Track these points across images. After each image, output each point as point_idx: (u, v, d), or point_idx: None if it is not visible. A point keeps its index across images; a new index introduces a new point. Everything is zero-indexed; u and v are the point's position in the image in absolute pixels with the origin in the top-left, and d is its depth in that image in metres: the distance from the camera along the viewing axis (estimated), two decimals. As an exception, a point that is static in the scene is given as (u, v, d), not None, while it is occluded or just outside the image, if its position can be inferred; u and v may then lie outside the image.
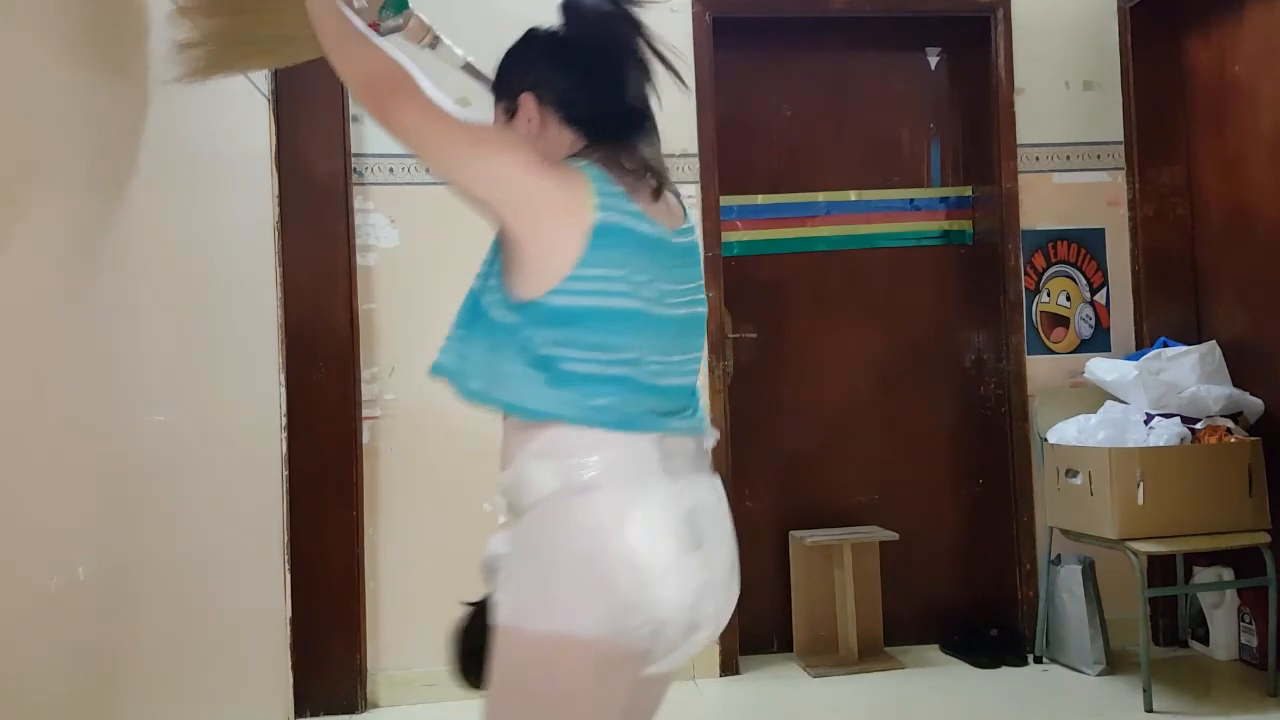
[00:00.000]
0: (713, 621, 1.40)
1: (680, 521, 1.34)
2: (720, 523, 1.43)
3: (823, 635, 3.71)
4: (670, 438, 1.38)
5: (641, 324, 1.37)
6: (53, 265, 1.53)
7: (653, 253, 1.39)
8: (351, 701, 3.31)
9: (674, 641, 1.35)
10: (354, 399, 3.38)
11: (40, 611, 1.46)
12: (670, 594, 1.31)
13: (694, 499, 1.37)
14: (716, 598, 1.39)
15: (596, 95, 1.42)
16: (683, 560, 1.33)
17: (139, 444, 1.83)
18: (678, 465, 1.38)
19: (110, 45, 1.79)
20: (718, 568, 1.39)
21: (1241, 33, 3.52)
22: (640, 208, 1.38)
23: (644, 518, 1.32)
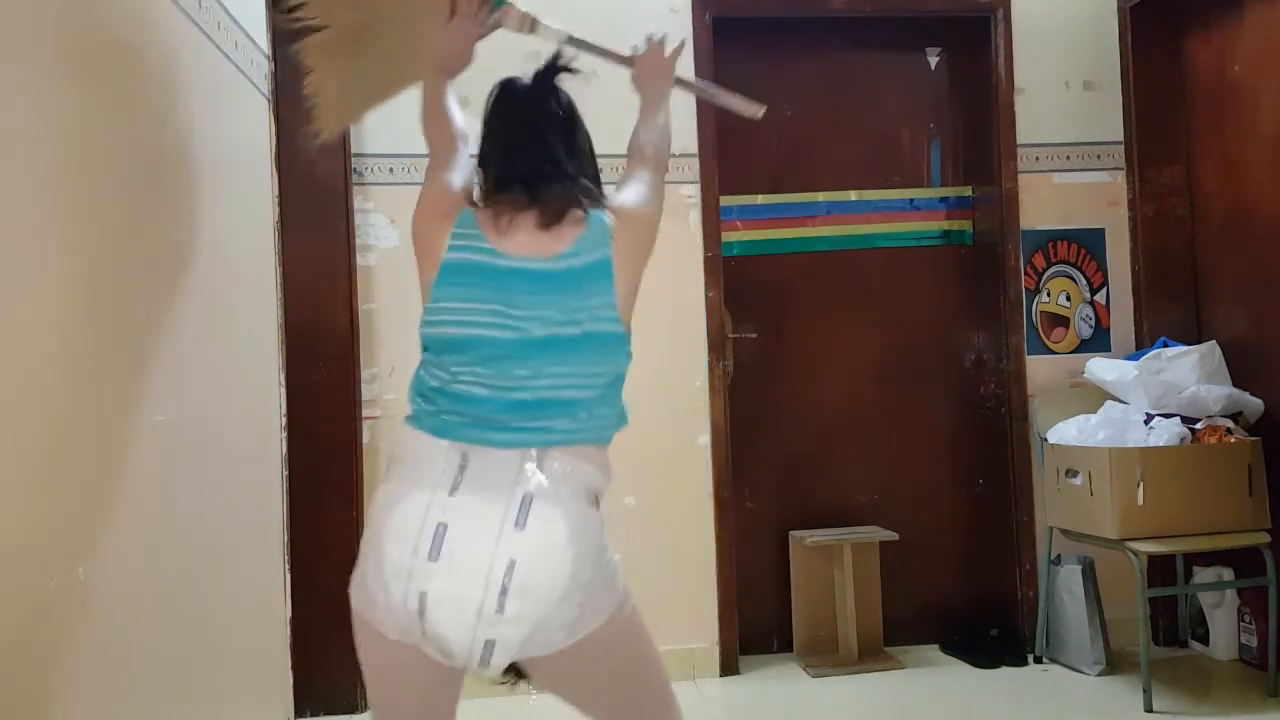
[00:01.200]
0: (461, 634, 1.47)
1: (426, 533, 1.47)
2: (478, 546, 1.46)
3: (823, 635, 3.71)
4: (480, 449, 1.52)
5: (476, 345, 1.56)
6: (52, 265, 1.53)
7: (506, 283, 1.57)
8: (351, 701, 3.31)
9: (418, 638, 1.50)
10: (354, 399, 3.38)
11: (40, 611, 1.46)
12: (394, 591, 1.48)
13: (455, 515, 1.47)
14: (456, 613, 1.46)
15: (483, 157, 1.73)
16: (413, 567, 1.47)
17: (139, 444, 1.83)
18: (468, 475, 1.50)
19: (110, 45, 1.79)
20: (454, 584, 1.46)
21: (1241, 33, 3.52)
22: (497, 244, 1.59)
23: (395, 520, 1.50)
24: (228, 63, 2.42)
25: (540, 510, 1.48)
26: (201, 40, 2.23)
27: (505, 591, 1.45)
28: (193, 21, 2.17)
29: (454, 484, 1.49)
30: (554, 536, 1.48)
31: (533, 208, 1.61)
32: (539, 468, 1.51)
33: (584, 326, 1.58)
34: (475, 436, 1.53)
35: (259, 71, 2.66)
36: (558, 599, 1.48)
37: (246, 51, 2.55)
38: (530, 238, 1.60)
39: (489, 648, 1.48)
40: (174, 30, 2.08)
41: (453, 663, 1.53)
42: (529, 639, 1.49)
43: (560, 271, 1.59)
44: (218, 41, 2.33)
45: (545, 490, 1.50)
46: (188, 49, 2.16)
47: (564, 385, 1.57)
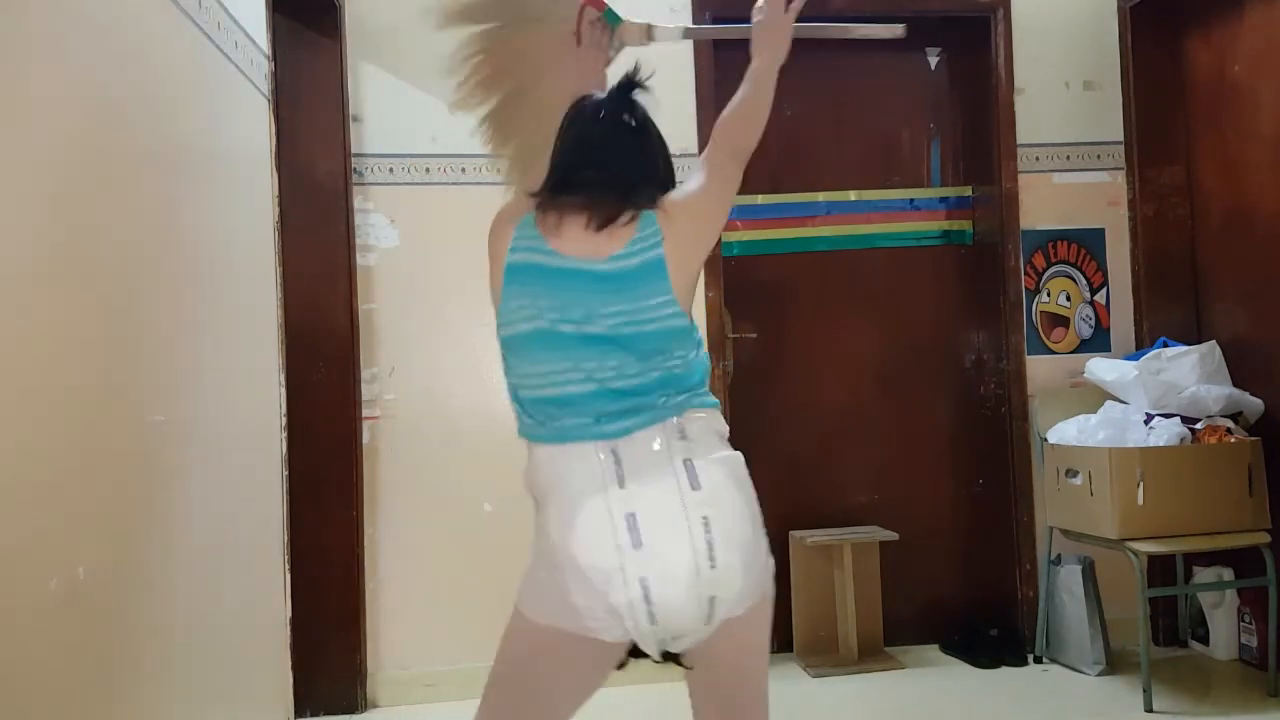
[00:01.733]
0: (689, 600, 1.54)
1: (620, 528, 1.54)
2: (671, 517, 1.55)
3: (823, 635, 3.71)
4: (613, 442, 1.58)
5: (551, 342, 1.62)
6: (53, 265, 1.54)
7: (563, 282, 1.63)
8: (351, 701, 3.31)
9: (647, 626, 1.55)
10: (354, 399, 3.38)
11: (40, 611, 1.46)
12: (616, 593, 1.53)
13: (637, 503, 1.55)
14: (680, 582, 1.53)
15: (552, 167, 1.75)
16: (624, 561, 1.53)
17: (139, 444, 1.83)
18: (626, 466, 1.57)
19: (110, 45, 1.79)
20: (668, 558, 1.53)
21: (1241, 33, 3.52)
22: (555, 245, 1.65)
23: (583, 530, 1.55)
24: (228, 63, 2.42)
25: (703, 468, 1.59)
26: (201, 40, 2.23)
27: (711, 546, 1.55)
28: (193, 21, 2.17)
29: (619, 478, 1.56)
30: (724, 483, 1.61)
31: (583, 211, 1.66)
32: (682, 435, 1.61)
33: (648, 326, 1.64)
34: (607, 432, 1.59)
35: (259, 71, 2.66)
36: (749, 534, 1.61)
37: (246, 51, 2.55)
38: (583, 238, 1.65)
39: (713, 604, 1.56)
40: (174, 30, 2.08)
41: (677, 644, 1.59)
42: (741, 592, 1.58)
43: (615, 272, 1.64)
44: (218, 41, 2.33)
45: (696, 450, 1.61)
46: (188, 49, 2.16)
47: (649, 369, 1.64)
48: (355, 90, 3.43)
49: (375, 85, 3.47)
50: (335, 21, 3.36)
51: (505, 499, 3.18)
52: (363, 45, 3.45)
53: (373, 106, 3.47)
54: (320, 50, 3.34)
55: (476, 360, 3.31)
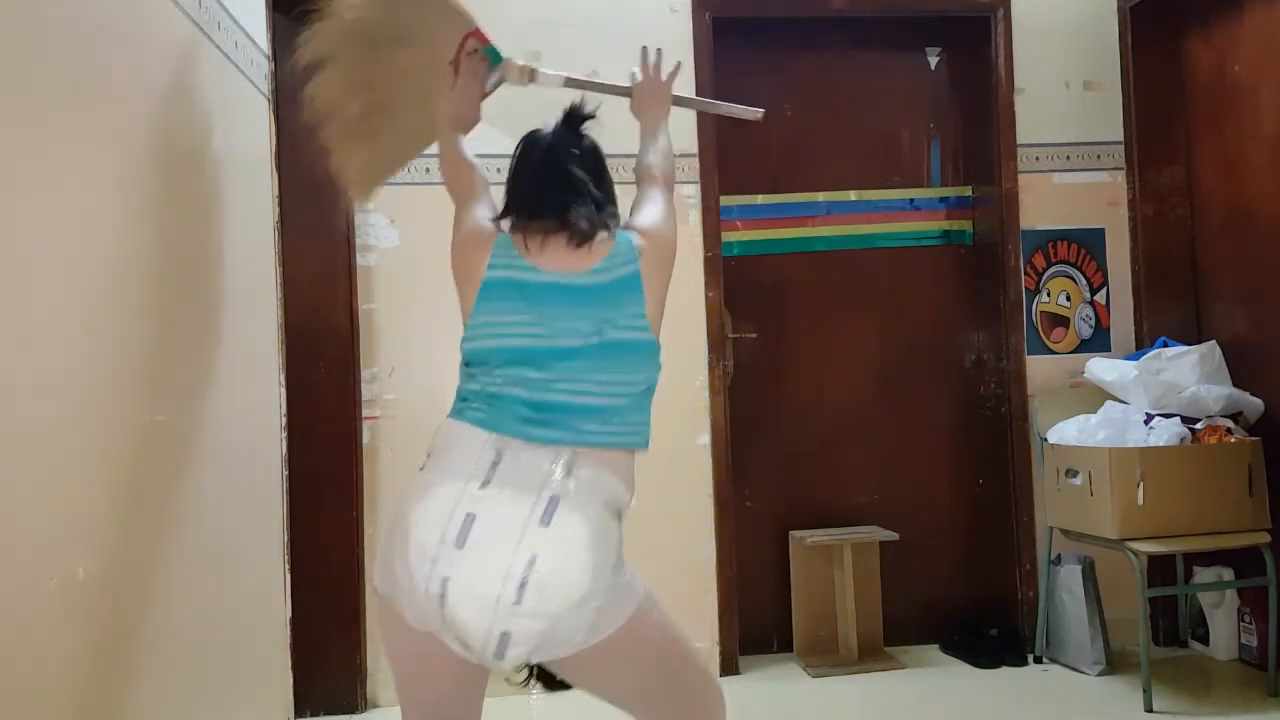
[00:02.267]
0: (478, 621, 1.51)
1: (455, 521, 1.53)
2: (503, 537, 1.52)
3: (823, 635, 3.71)
4: (513, 445, 1.59)
5: (517, 356, 1.66)
6: (52, 265, 1.54)
7: (543, 297, 1.68)
8: (351, 701, 3.31)
9: (437, 624, 1.54)
10: (354, 399, 3.38)
11: (40, 611, 1.46)
12: (419, 578, 1.53)
13: (483, 507, 1.53)
14: (475, 602, 1.51)
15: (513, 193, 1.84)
16: (439, 554, 1.52)
17: (139, 444, 1.83)
18: (500, 470, 1.56)
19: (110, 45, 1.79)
20: (475, 573, 1.51)
21: (1241, 33, 3.52)
22: (534, 261, 1.70)
23: (427, 504, 1.56)
24: (228, 63, 2.42)
25: (565, 513, 1.55)
26: (201, 40, 2.23)
27: (524, 585, 1.51)
28: (193, 21, 2.17)
29: (486, 478, 1.56)
30: (576, 539, 1.54)
31: (563, 230, 1.71)
32: (568, 473, 1.58)
33: (616, 335, 1.68)
34: (512, 429, 1.61)
35: (259, 71, 2.66)
36: (575, 602, 1.54)
37: (246, 51, 2.54)
38: (563, 255, 1.71)
39: (504, 640, 1.53)
40: (174, 30, 2.08)
41: (469, 653, 1.57)
42: (546, 637, 1.54)
43: (592, 286, 1.70)
44: (218, 41, 2.33)
45: (571, 495, 1.56)
46: (188, 49, 2.16)
47: (598, 391, 1.66)
48: (355, 90, 3.43)
49: (375, 85, 3.47)
50: (335, 21, 3.35)
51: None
52: (363, 45, 3.44)
53: (373, 106, 3.47)
54: (320, 50, 3.33)
55: (476, 360, 3.31)
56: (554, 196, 1.75)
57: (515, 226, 1.76)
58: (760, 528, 3.79)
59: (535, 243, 1.72)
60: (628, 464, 1.69)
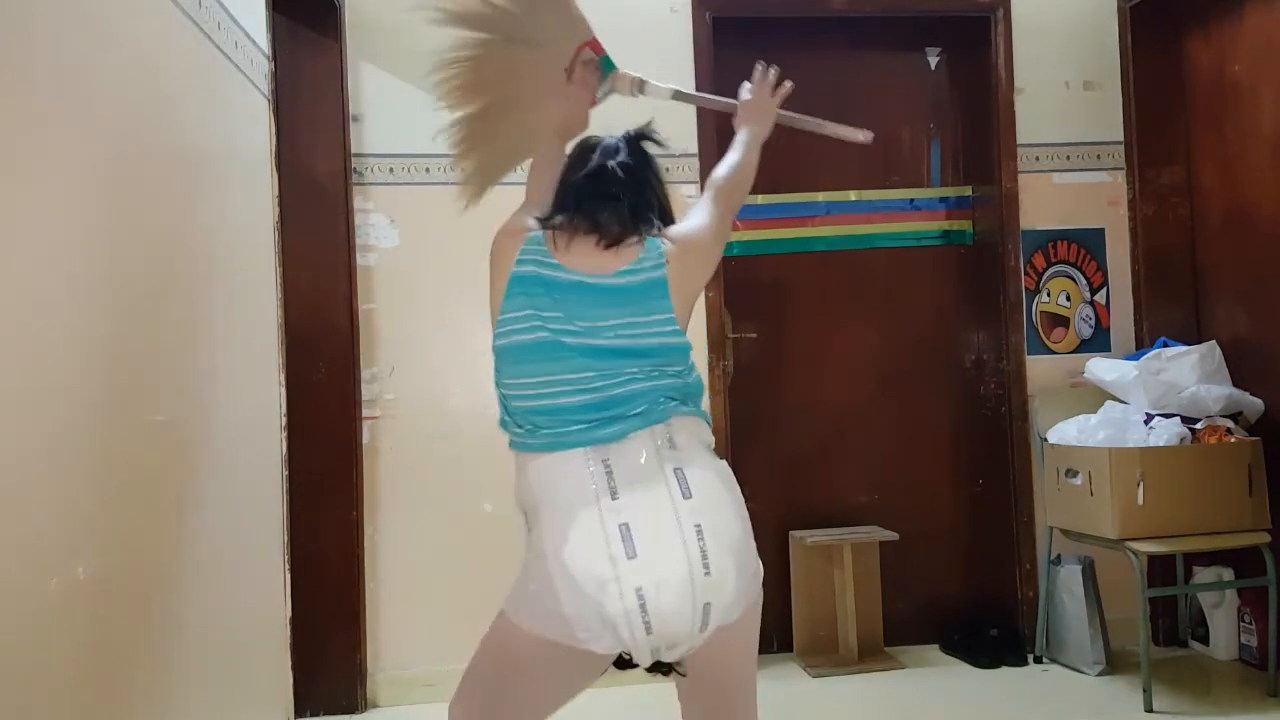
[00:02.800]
0: (684, 608, 1.56)
1: (614, 538, 1.56)
2: (665, 526, 1.57)
3: (823, 635, 3.71)
4: (604, 447, 1.62)
5: (550, 353, 1.66)
6: (52, 265, 1.54)
7: (567, 294, 1.68)
8: (351, 701, 3.31)
9: (643, 636, 1.56)
10: (354, 399, 3.38)
11: (40, 611, 1.46)
12: (611, 603, 1.54)
13: (630, 513, 1.57)
14: (676, 590, 1.55)
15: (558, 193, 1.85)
16: (619, 572, 1.54)
17: (139, 444, 1.83)
18: (617, 476, 1.60)
19: (110, 44, 1.79)
20: (663, 567, 1.55)
21: (1241, 33, 3.52)
22: (561, 259, 1.71)
23: (576, 541, 1.56)
24: (228, 63, 2.42)
25: (693, 476, 1.62)
26: (201, 40, 2.23)
27: (705, 554, 1.57)
28: (193, 21, 2.17)
29: (611, 489, 1.59)
30: (715, 491, 1.64)
31: (593, 231, 1.73)
32: (671, 444, 1.64)
33: (643, 340, 1.69)
34: (597, 437, 1.63)
35: (259, 71, 2.66)
36: (740, 540, 1.64)
37: (246, 51, 2.55)
38: (591, 255, 1.72)
39: (707, 610, 1.58)
40: (174, 30, 2.08)
41: (671, 653, 1.61)
42: (734, 600, 1.61)
43: (618, 287, 1.71)
44: (218, 41, 2.33)
45: (684, 458, 1.63)
46: (188, 49, 2.16)
47: (640, 377, 1.68)
48: (355, 90, 3.43)
49: (375, 85, 3.48)
50: (335, 21, 3.36)
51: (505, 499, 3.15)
52: (363, 45, 3.45)
53: (373, 106, 3.47)
54: (320, 50, 3.34)
55: (476, 360, 3.29)
56: (591, 199, 1.77)
57: (549, 224, 1.77)
58: (760, 528, 3.71)
59: (564, 240, 1.73)
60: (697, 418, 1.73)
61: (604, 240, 1.72)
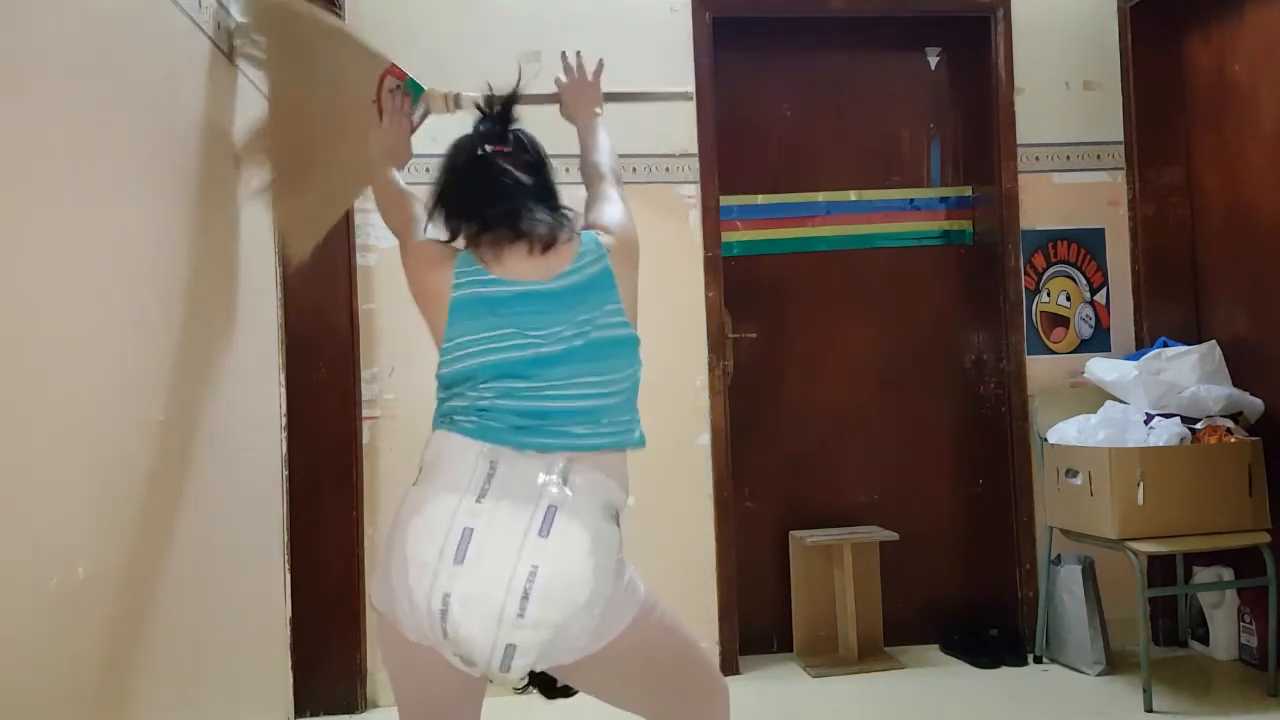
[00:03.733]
0: (482, 636, 1.49)
1: (452, 536, 1.51)
2: (503, 550, 1.50)
3: (823, 635, 3.71)
4: (507, 455, 1.56)
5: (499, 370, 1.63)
6: (53, 265, 1.53)
7: (514, 307, 1.65)
8: (351, 701, 3.31)
9: (440, 638, 1.52)
10: (354, 399, 3.38)
11: (40, 611, 1.46)
12: (419, 595, 1.51)
13: (480, 521, 1.51)
14: (478, 617, 1.48)
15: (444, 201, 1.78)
16: (439, 569, 1.50)
17: (139, 444, 1.83)
18: (495, 482, 1.54)
19: (110, 44, 1.79)
20: (477, 588, 1.48)
21: (1241, 33, 3.52)
22: (499, 273, 1.67)
23: (423, 520, 1.54)
24: (228, 63, 2.42)
25: (563, 521, 1.52)
26: (202, 40, 2.23)
27: (527, 596, 1.49)
28: (193, 21, 2.17)
29: (481, 490, 1.54)
30: (576, 547, 1.52)
31: (520, 240, 1.68)
32: (563, 480, 1.56)
33: (597, 334, 1.66)
34: (504, 439, 1.59)
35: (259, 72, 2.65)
36: (579, 608, 1.52)
37: (246, 51, 2.54)
38: (526, 263, 1.68)
39: (510, 652, 1.51)
40: (174, 28, 2.08)
41: (472, 669, 1.55)
42: (550, 646, 1.52)
43: (564, 289, 1.67)
44: (218, 41, 2.33)
45: (568, 502, 1.54)
46: (188, 49, 2.16)
47: (586, 394, 1.64)
48: (355, 90, 3.43)
49: (375, 85, 3.47)
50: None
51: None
52: (363, 45, 3.44)
53: (373, 106, 3.47)
54: (320, 50, 3.33)
55: (476, 360, 3.31)
56: (495, 203, 1.69)
57: (469, 241, 1.72)
58: (760, 528, 3.79)
59: (492, 253, 1.68)
60: (621, 464, 1.67)
61: (535, 245, 1.67)
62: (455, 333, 1.66)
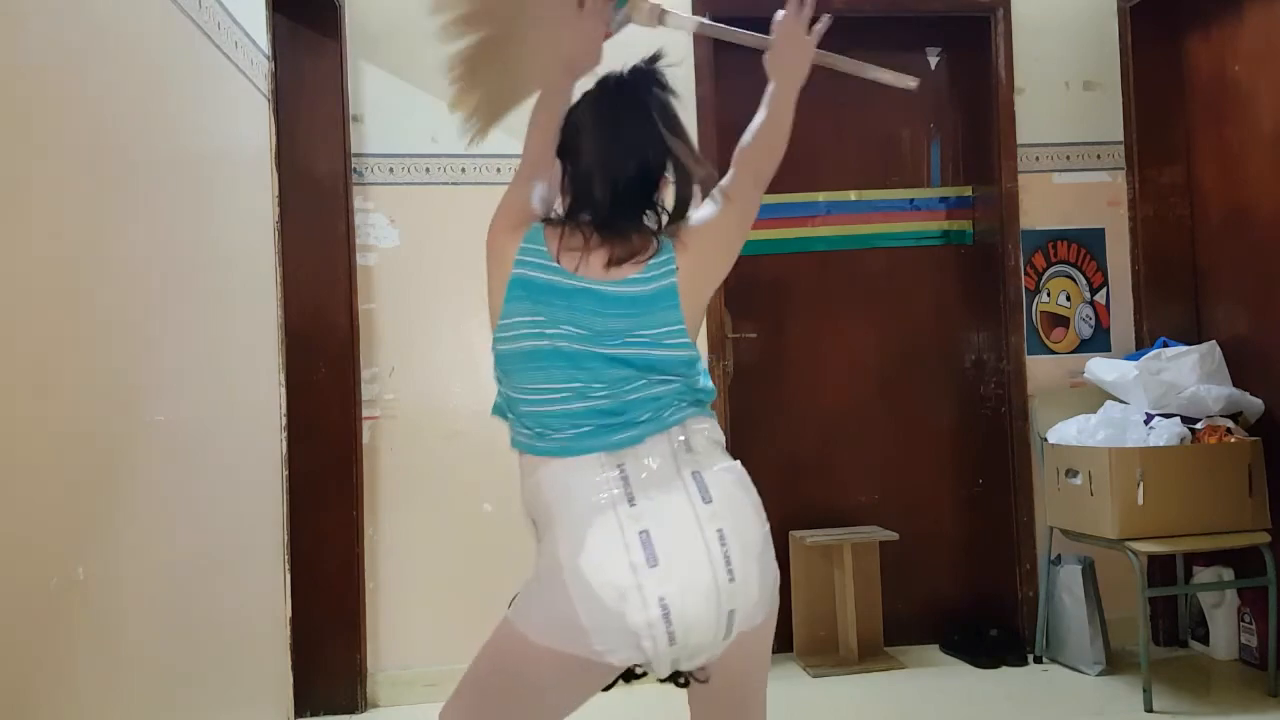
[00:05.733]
0: (709, 616, 1.50)
1: (634, 545, 1.49)
2: (686, 532, 1.51)
3: (823, 635, 3.71)
4: (619, 453, 1.55)
5: (555, 360, 1.58)
6: (53, 265, 1.54)
7: (572, 300, 1.59)
8: (351, 701, 3.31)
9: (666, 646, 1.50)
10: (354, 399, 3.38)
11: (40, 611, 1.46)
12: (633, 613, 1.47)
13: (649, 520, 1.50)
14: (700, 598, 1.49)
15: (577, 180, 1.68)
16: (640, 580, 1.48)
17: (139, 444, 1.83)
18: (633, 482, 1.53)
19: (110, 44, 1.79)
20: (687, 574, 1.49)
21: (1241, 33, 3.52)
22: (565, 263, 1.60)
23: (594, 549, 1.49)
24: (228, 63, 2.42)
25: (711, 479, 1.57)
26: (201, 40, 2.23)
27: (729, 559, 1.51)
28: (192, 21, 2.17)
29: (628, 495, 1.53)
30: (734, 493, 1.58)
31: (602, 247, 1.62)
32: (687, 448, 1.59)
33: (655, 352, 1.61)
34: (610, 443, 1.56)
35: (259, 71, 2.66)
36: (761, 544, 1.57)
37: (246, 51, 2.55)
38: (597, 266, 1.62)
39: (731, 617, 1.53)
40: (174, 30, 2.08)
41: (692, 662, 1.55)
42: (757, 604, 1.55)
43: (627, 296, 1.61)
44: (218, 41, 2.33)
45: (702, 462, 1.58)
46: (188, 49, 2.16)
47: (651, 385, 1.61)
48: (355, 90, 3.43)
49: (375, 85, 3.47)
50: (335, 21, 3.36)
51: (505, 499, 3.18)
52: (363, 45, 3.45)
53: (373, 106, 3.47)
54: (320, 50, 3.34)
55: (476, 360, 3.31)
56: (619, 214, 1.63)
57: (557, 219, 1.64)
58: (760, 528, 3.78)
59: (566, 242, 1.61)
60: (709, 416, 1.69)
61: (616, 254, 1.61)
62: (511, 310, 1.60)
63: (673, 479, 1.54)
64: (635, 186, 1.66)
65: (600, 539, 1.49)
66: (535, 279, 1.60)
